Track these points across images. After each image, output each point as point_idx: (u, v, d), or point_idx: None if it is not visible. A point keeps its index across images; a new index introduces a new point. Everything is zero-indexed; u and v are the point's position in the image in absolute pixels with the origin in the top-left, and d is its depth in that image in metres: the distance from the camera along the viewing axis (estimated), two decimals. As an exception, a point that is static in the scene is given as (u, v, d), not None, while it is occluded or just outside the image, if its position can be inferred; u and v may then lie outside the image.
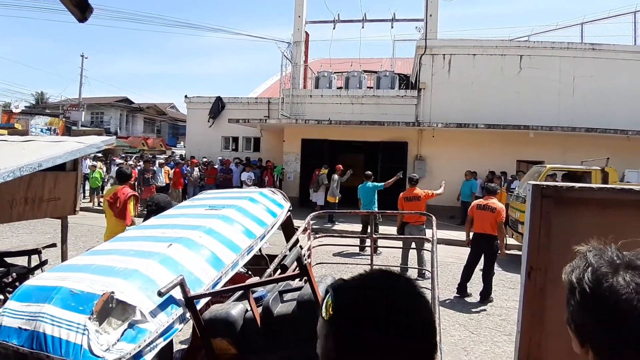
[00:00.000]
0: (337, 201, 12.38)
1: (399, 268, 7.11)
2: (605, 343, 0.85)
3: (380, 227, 9.91)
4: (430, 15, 15.65)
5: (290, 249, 2.08)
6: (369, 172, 9.93)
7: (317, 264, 3.52)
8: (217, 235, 1.87)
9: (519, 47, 15.26)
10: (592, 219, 1.79)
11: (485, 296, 6.46)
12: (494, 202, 6.57)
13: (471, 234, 6.78)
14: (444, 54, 15.19)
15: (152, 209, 3.50)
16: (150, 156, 20.64)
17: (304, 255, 2.76)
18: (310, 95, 16.57)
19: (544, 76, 14.51)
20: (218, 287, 1.67)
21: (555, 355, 1.81)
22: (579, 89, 14.40)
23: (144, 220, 3.56)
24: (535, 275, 1.82)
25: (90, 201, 15.13)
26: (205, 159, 16.85)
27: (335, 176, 12.52)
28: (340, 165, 13.02)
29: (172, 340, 1.93)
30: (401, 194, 8.04)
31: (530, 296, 1.82)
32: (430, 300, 2.13)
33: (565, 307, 1.21)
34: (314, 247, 3.06)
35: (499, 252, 6.50)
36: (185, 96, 20.75)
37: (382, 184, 9.58)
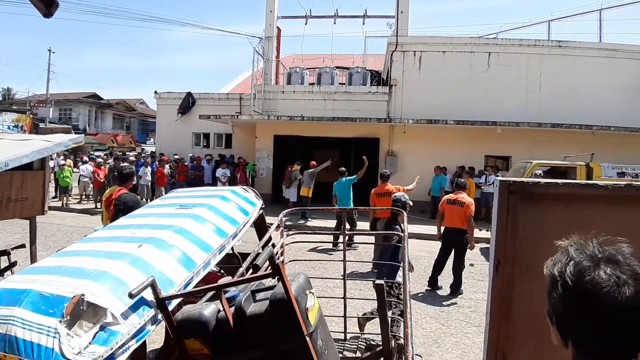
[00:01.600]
0: (309, 195, 12.37)
1: (371, 264, 7.19)
2: (586, 335, 0.89)
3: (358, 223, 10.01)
4: (402, 12, 15.83)
5: (263, 247, 2.07)
6: (343, 169, 10.00)
7: (290, 261, 3.52)
8: (188, 235, 1.85)
9: (488, 44, 15.62)
10: (558, 214, 1.85)
11: (456, 289, 6.61)
12: (463, 196, 6.73)
13: (442, 228, 6.92)
14: (415, 51, 15.39)
15: (120, 208, 3.42)
16: (120, 153, 20.13)
17: (277, 253, 2.75)
18: (283, 91, 16.49)
19: (511, 73, 14.89)
20: (190, 288, 1.65)
21: (522, 345, 1.87)
22: (546, 86, 14.84)
23: (112, 220, 3.48)
24: (503, 268, 1.87)
25: (59, 200, 14.59)
26: (176, 156, 16.54)
27: (310, 170, 12.56)
28: (314, 162, 13.03)
29: (145, 342, 1.90)
30: (373, 190, 8.13)
31: (498, 289, 1.87)
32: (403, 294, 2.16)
33: (532, 299, 1.24)
34: (286, 244, 3.06)
35: (469, 245, 6.66)
36: (155, 92, 20.32)
37: (355, 176, 9.64)
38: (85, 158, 16.80)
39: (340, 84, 17.16)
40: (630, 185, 1.82)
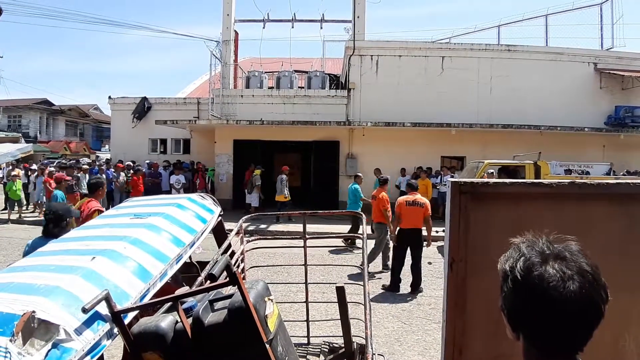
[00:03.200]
0: (286, 199, 13.00)
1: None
2: (534, 328, 0.94)
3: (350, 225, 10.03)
4: (358, 17, 16.05)
5: (223, 254, 2.05)
6: (360, 174, 10.35)
7: (251, 267, 3.49)
8: (144, 245, 1.81)
9: (441, 48, 16.11)
10: (507, 212, 1.93)
11: (416, 287, 6.76)
12: (419, 197, 6.93)
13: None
14: (372, 55, 15.64)
15: (50, 218, 3.27)
16: (69, 161, 19.28)
17: (238, 260, 2.73)
18: (242, 95, 16.33)
19: (464, 76, 15.40)
20: (146, 299, 1.61)
21: (478, 340, 1.94)
22: (496, 88, 15.46)
23: (43, 231, 3.30)
24: (457, 266, 1.93)
25: (8, 215, 13.45)
26: (129, 163, 15.91)
27: (283, 176, 13.28)
28: (286, 167, 13.64)
29: (103, 357, 1.84)
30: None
31: (453, 287, 1.93)
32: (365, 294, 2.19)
33: (485, 295, 1.29)
34: (247, 250, 3.03)
35: (426, 243, 6.85)
36: (109, 97, 19.60)
37: (360, 195, 9.81)
38: (34, 166, 16.00)
39: (299, 87, 17.19)
40: (573, 183, 1.92)
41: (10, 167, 14.81)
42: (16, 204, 13.65)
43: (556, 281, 0.89)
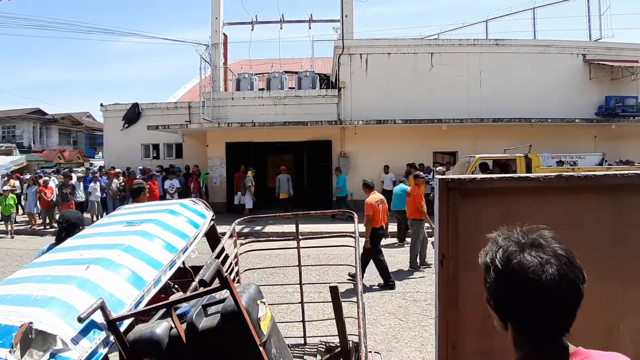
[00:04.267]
0: (287, 196, 14.12)
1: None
2: (519, 315, 0.98)
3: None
4: (346, 16, 16.09)
5: (215, 259, 2.07)
6: (405, 180, 10.48)
7: (246, 270, 3.51)
8: (137, 253, 1.82)
9: (430, 45, 16.20)
10: (495, 207, 1.95)
11: (387, 282, 6.88)
12: (379, 195, 7.25)
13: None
14: (361, 54, 15.69)
15: (63, 227, 3.29)
16: (67, 169, 19.17)
17: (232, 263, 2.75)
18: (232, 98, 16.33)
19: (453, 72, 15.50)
20: (141, 307, 1.63)
21: (469, 333, 1.97)
22: (486, 83, 15.56)
23: (56, 239, 3.33)
24: (447, 262, 1.96)
25: (5, 228, 12.88)
26: (116, 169, 15.77)
27: (284, 176, 14.35)
28: (284, 166, 14.53)
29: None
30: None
31: (444, 282, 1.96)
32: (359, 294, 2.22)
33: (476, 290, 1.32)
34: (240, 253, 3.05)
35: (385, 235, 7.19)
36: (101, 104, 19.50)
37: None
38: (28, 176, 15.83)
39: (289, 88, 17.21)
40: (560, 176, 1.95)
41: (6, 179, 14.67)
42: (10, 218, 12.91)
43: (535, 266, 0.94)
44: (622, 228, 1.90)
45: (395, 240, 10.05)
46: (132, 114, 18.62)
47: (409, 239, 8.77)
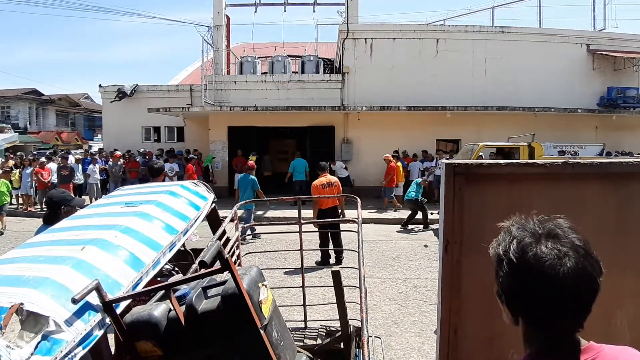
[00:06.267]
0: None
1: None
2: (534, 309, 0.93)
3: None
4: (351, 0, 15.84)
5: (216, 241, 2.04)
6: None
7: (247, 253, 3.49)
8: (135, 234, 1.78)
9: (435, 31, 15.97)
10: (502, 193, 1.93)
11: (339, 258, 7.33)
12: (330, 177, 7.54)
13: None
14: (366, 39, 15.49)
15: (47, 205, 3.27)
16: (64, 151, 19.13)
17: (233, 247, 2.72)
18: (235, 81, 16.18)
19: (458, 58, 15.31)
20: (139, 288, 1.60)
21: (471, 319, 1.95)
22: (490, 70, 15.40)
23: (43, 220, 3.27)
24: (451, 248, 1.93)
25: None
26: (117, 152, 15.64)
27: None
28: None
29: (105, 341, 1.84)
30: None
31: (448, 268, 1.93)
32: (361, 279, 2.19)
33: (479, 276, 1.27)
34: (242, 237, 3.02)
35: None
36: (100, 85, 19.36)
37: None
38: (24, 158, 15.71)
39: (293, 72, 17.02)
40: (566, 163, 1.92)
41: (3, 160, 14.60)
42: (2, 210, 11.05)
43: (552, 259, 0.89)
44: (625, 215, 1.89)
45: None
46: (125, 91, 18.33)
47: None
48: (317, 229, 6.58)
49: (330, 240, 7.50)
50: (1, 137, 23.93)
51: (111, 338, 1.98)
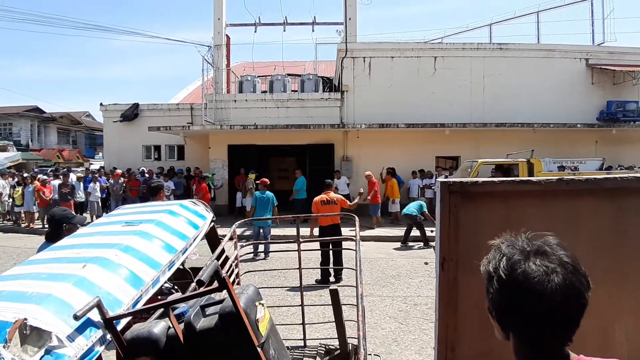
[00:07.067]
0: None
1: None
2: (523, 325, 0.95)
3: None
4: (350, 19, 16.12)
5: (216, 260, 2.06)
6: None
7: (246, 272, 3.50)
8: (135, 253, 1.81)
9: (433, 49, 16.19)
10: (497, 210, 1.95)
11: (338, 276, 7.30)
12: (333, 195, 7.50)
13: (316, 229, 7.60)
14: (364, 57, 15.70)
15: (50, 223, 3.31)
16: (65, 169, 19.20)
17: (232, 265, 2.74)
18: (235, 100, 16.35)
19: (456, 76, 15.48)
20: (139, 306, 1.62)
21: (469, 337, 1.96)
22: (489, 87, 15.54)
23: (45, 237, 3.32)
24: (448, 265, 1.95)
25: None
26: (117, 170, 15.72)
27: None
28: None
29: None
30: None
31: (444, 285, 1.95)
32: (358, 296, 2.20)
33: (476, 293, 1.30)
34: (241, 255, 3.04)
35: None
36: (101, 104, 19.55)
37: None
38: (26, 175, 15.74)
39: (292, 91, 17.21)
40: (561, 179, 1.95)
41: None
42: None
43: (540, 275, 0.91)
44: (621, 230, 1.90)
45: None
46: (130, 113, 18.60)
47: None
48: (317, 247, 6.58)
49: (331, 259, 7.49)
50: (4, 156, 24.01)
51: (112, 354, 1.99)
